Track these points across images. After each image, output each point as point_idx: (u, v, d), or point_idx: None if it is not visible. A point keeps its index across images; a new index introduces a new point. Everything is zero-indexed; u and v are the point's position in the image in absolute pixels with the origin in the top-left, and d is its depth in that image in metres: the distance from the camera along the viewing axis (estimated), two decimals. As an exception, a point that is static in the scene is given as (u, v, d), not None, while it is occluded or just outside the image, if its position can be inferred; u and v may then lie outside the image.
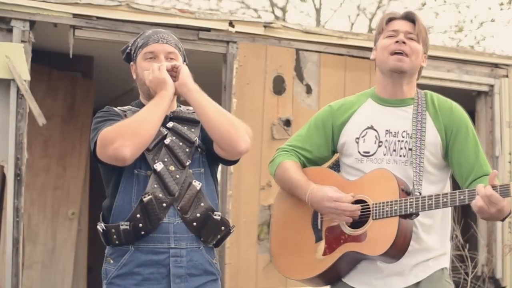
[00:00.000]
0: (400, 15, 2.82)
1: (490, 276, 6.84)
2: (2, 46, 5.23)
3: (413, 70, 2.78)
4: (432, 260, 2.75)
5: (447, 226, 2.83)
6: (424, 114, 2.74)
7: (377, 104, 2.83)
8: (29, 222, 6.58)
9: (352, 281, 2.76)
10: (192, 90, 2.64)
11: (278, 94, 6.15)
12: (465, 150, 2.72)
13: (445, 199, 2.53)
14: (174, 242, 2.60)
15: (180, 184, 2.62)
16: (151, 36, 2.76)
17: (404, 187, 2.65)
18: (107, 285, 2.63)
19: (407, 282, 2.71)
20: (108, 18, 5.59)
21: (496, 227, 6.86)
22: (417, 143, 2.70)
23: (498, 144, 6.91)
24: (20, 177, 5.24)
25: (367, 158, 2.76)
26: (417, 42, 2.76)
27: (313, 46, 6.29)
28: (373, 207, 2.66)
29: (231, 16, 6.26)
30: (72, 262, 6.85)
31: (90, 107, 7.17)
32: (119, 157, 2.50)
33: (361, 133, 2.80)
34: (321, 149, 2.90)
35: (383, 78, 2.81)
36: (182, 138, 2.68)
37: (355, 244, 2.67)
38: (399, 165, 2.72)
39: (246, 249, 5.92)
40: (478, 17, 17.92)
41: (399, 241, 2.59)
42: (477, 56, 7.07)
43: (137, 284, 2.59)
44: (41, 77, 6.63)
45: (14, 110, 5.22)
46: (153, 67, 2.66)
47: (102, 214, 2.70)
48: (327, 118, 2.89)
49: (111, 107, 2.75)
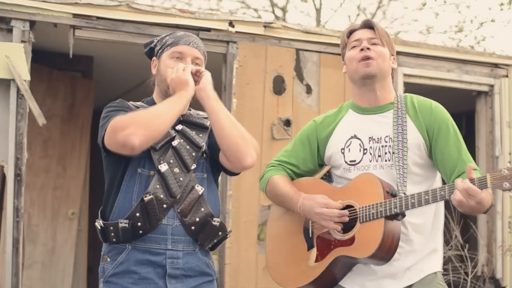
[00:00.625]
0: (359, 25, 2.90)
1: (490, 276, 6.84)
2: (2, 46, 5.23)
3: (383, 73, 2.83)
4: (425, 262, 2.77)
5: (439, 224, 2.86)
6: (404, 117, 2.79)
7: (357, 114, 2.89)
8: (29, 222, 6.58)
9: (346, 283, 2.80)
10: (210, 97, 2.66)
11: (278, 94, 6.15)
12: (447, 148, 2.76)
13: (427, 196, 2.58)
14: (171, 244, 2.62)
15: (182, 187, 2.63)
16: (183, 37, 2.78)
17: (389, 189, 2.69)
18: (104, 283, 2.63)
19: (400, 284, 2.74)
20: (108, 18, 5.59)
21: (496, 227, 6.86)
22: (399, 145, 2.75)
23: (498, 144, 6.91)
24: (20, 177, 5.24)
25: (354, 166, 2.82)
26: (382, 45, 2.83)
27: (313, 46, 6.29)
28: (360, 211, 2.70)
29: (231, 16, 6.26)
30: (72, 262, 6.85)
31: (90, 107, 7.17)
32: (128, 144, 2.49)
33: (345, 143, 2.87)
34: (307, 163, 2.98)
35: (358, 88, 2.88)
36: (189, 142, 2.70)
37: (345, 248, 2.72)
38: (385, 169, 2.77)
39: (246, 249, 5.92)
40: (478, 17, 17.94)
41: (386, 242, 2.62)
42: (477, 56, 7.07)
43: (134, 283, 2.59)
44: (41, 77, 6.63)
45: (14, 110, 5.22)
46: (178, 66, 2.68)
47: (101, 211, 2.70)
48: (311, 132, 2.98)
49: (124, 100, 2.76)
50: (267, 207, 6.01)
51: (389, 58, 2.85)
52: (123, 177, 2.64)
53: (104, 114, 2.68)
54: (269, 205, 6.01)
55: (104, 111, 2.70)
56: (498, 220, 6.86)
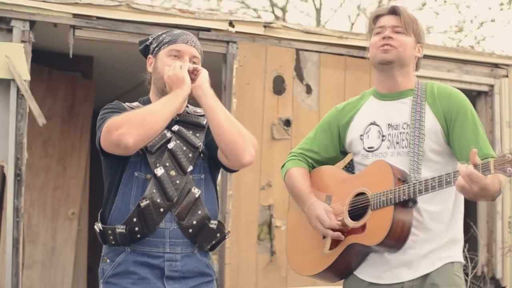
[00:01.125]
0: (385, 10, 2.88)
1: (490, 276, 6.84)
2: (2, 46, 5.23)
3: (401, 60, 2.81)
4: (442, 251, 2.74)
5: (460, 212, 2.81)
6: (422, 104, 2.78)
7: (377, 100, 2.89)
8: (29, 222, 6.58)
9: (362, 274, 2.80)
10: (207, 94, 2.64)
11: (278, 94, 6.15)
12: (464, 134, 2.74)
13: (433, 183, 2.55)
14: (169, 247, 2.61)
15: (179, 190, 2.62)
16: (181, 35, 2.75)
17: (401, 176, 2.67)
18: (103, 284, 2.64)
19: (415, 274, 2.71)
20: (108, 18, 5.59)
21: (496, 227, 6.86)
22: (415, 132, 2.74)
23: (498, 144, 6.91)
24: (20, 177, 5.25)
25: (372, 153, 2.82)
26: (406, 34, 2.81)
27: (313, 46, 6.29)
28: (372, 198, 2.70)
29: (231, 16, 6.27)
30: (72, 262, 6.85)
31: (90, 107, 7.17)
32: (122, 144, 2.48)
33: (364, 129, 2.86)
34: (329, 150, 2.98)
35: (378, 74, 2.88)
36: (186, 143, 2.67)
37: (356, 236, 2.72)
38: (403, 156, 2.75)
39: (246, 249, 5.92)
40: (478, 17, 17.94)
41: (395, 230, 2.61)
42: (477, 56, 7.07)
43: (133, 283, 2.59)
44: (41, 77, 6.63)
45: (14, 110, 5.22)
46: (175, 64, 2.65)
47: (100, 213, 2.70)
48: (332, 119, 2.98)
49: (120, 102, 2.75)
50: (267, 207, 6.01)
51: (412, 47, 2.83)
52: (120, 181, 2.63)
53: (100, 116, 2.67)
54: (269, 205, 6.02)
55: (100, 113, 2.69)
56: (498, 220, 6.86)
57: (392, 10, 2.85)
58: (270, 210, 5.99)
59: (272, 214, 5.99)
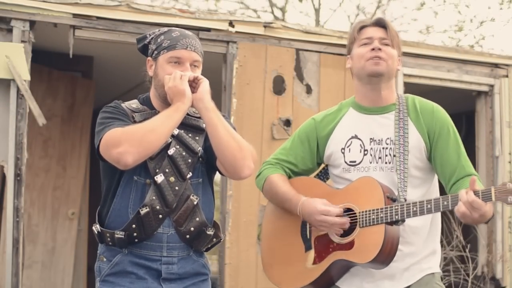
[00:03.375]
0: (371, 22, 2.86)
1: (490, 276, 6.84)
2: (2, 46, 5.23)
3: (390, 74, 2.81)
4: (423, 263, 2.77)
5: (437, 226, 2.85)
6: (406, 120, 2.78)
7: (358, 113, 2.86)
8: (29, 222, 6.58)
9: (344, 284, 2.80)
10: (208, 108, 2.61)
11: (278, 94, 6.15)
12: (447, 151, 2.74)
13: (429, 206, 2.56)
14: (167, 251, 2.63)
15: (178, 196, 2.62)
16: (180, 40, 2.67)
17: (390, 194, 2.68)
18: (100, 282, 2.65)
19: (398, 285, 2.74)
20: (108, 18, 5.59)
21: (496, 228, 6.86)
22: (400, 149, 2.74)
23: (498, 144, 6.91)
24: (20, 177, 5.24)
25: (353, 167, 2.80)
26: (392, 47, 2.81)
27: (313, 46, 6.29)
28: (360, 215, 2.69)
29: (231, 16, 6.26)
30: (72, 262, 6.85)
31: (90, 107, 7.17)
32: (121, 163, 2.49)
33: (346, 143, 2.84)
34: (306, 162, 2.95)
35: (362, 86, 2.85)
36: (186, 148, 2.66)
37: (344, 252, 2.71)
38: (385, 172, 2.75)
39: (246, 249, 5.92)
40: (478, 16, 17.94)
41: (386, 248, 2.62)
42: (477, 56, 7.07)
43: (131, 282, 2.61)
44: (41, 77, 6.63)
45: (14, 110, 5.22)
46: (175, 75, 2.60)
47: (98, 213, 2.70)
48: (311, 131, 2.95)
49: (119, 103, 2.71)
50: (267, 207, 6.01)
51: (396, 60, 2.84)
52: (119, 183, 2.62)
53: (99, 119, 2.64)
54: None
55: (99, 116, 2.66)
56: (498, 220, 6.86)
57: (379, 22, 2.84)
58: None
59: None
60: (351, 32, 2.88)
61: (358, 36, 2.84)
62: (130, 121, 2.63)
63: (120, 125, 2.56)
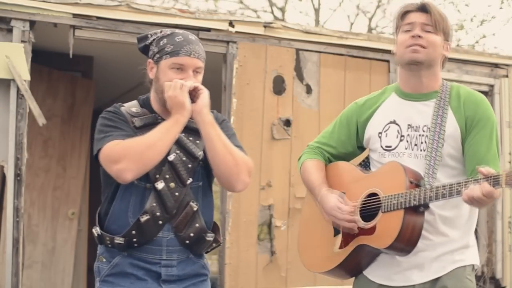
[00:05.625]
0: (414, 7, 2.80)
1: (490, 276, 6.85)
2: (2, 46, 5.23)
3: (431, 61, 2.77)
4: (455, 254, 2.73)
5: (473, 219, 2.81)
6: (445, 108, 2.75)
7: (400, 98, 2.84)
8: (29, 222, 6.58)
9: (371, 275, 2.78)
10: (206, 121, 2.59)
11: (278, 94, 6.15)
12: (478, 142, 2.73)
13: (444, 191, 2.54)
14: (166, 255, 2.63)
15: (178, 202, 2.62)
16: (183, 46, 2.62)
17: (414, 180, 2.65)
18: (100, 282, 2.65)
19: (427, 276, 2.70)
20: (108, 18, 5.59)
21: (496, 227, 6.86)
22: (435, 136, 2.71)
23: (498, 145, 6.90)
24: (20, 177, 5.24)
25: (389, 152, 2.79)
26: (435, 33, 2.76)
27: (313, 46, 6.29)
28: (383, 200, 2.68)
29: (231, 16, 6.26)
30: (72, 262, 6.85)
31: (90, 107, 7.17)
32: (121, 179, 2.51)
33: (383, 127, 2.83)
34: (346, 145, 2.95)
35: (404, 72, 2.83)
36: (186, 153, 2.65)
37: (366, 237, 2.70)
38: (419, 159, 2.72)
39: (246, 249, 5.92)
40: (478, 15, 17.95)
41: (405, 234, 2.59)
42: (477, 56, 7.07)
43: (132, 283, 2.61)
44: (41, 77, 6.63)
45: (14, 110, 5.22)
46: (175, 83, 2.57)
47: (98, 214, 2.70)
48: (351, 114, 2.94)
49: (118, 109, 2.67)
50: (267, 207, 6.01)
51: (440, 46, 2.79)
52: (119, 187, 2.62)
53: (99, 126, 2.63)
54: (269, 205, 6.02)
55: (99, 121, 2.64)
56: (498, 220, 6.86)
57: (422, 7, 2.78)
58: (270, 210, 5.99)
59: (272, 214, 5.99)
60: (395, 18, 2.84)
61: (402, 21, 2.80)
62: (129, 128, 2.61)
63: (119, 136, 2.55)
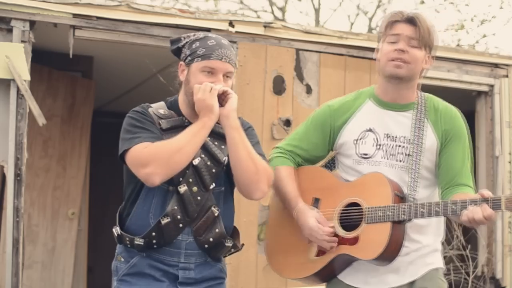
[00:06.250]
0: (403, 18, 2.77)
1: (490, 276, 6.84)
2: (2, 46, 5.23)
3: (411, 76, 2.78)
4: (427, 257, 2.79)
5: (441, 225, 2.87)
6: (423, 120, 2.77)
7: (377, 106, 2.85)
8: (29, 222, 6.57)
9: (347, 279, 2.80)
10: (233, 126, 2.60)
11: (278, 94, 6.15)
12: (453, 156, 2.76)
13: (437, 208, 2.58)
14: (184, 258, 2.64)
15: (200, 206, 2.62)
16: (215, 50, 2.63)
17: (398, 192, 2.68)
18: (118, 281, 2.66)
19: (403, 279, 2.75)
20: (108, 18, 5.58)
21: (496, 228, 6.86)
22: (415, 149, 2.74)
23: (498, 144, 6.91)
24: (20, 177, 5.24)
25: (365, 160, 2.80)
26: (419, 48, 2.74)
27: (313, 46, 6.28)
28: (366, 211, 2.68)
29: (231, 16, 6.26)
30: (72, 262, 6.84)
31: (90, 107, 7.17)
32: (149, 182, 2.52)
33: (360, 135, 2.83)
34: (318, 149, 2.93)
35: (383, 82, 2.83)
36: (211, 157, 2.65)
37: (348, 247, 2.71)
38: (396, 169, 2.75)
39: (246, 249, 5.84)
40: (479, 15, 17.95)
41: (391, 246, 2.63)
42: (477, 56, 7.07)
43: (148, 284, 2.62)
44: (41, 77, 6.63)
45: (14, 110, 5.22)
46: (205, 86, 2.58)
47: (119, 214, 2.71)
48: (325, 118, 2.92)
49: (146, 109, 2.67)
50: (267, 207, 6.00)
51: (422, 61, 2.77)
52: (142, 188, 2.62)
53: (126, 125, 2.63)
54: (269, 205, 6.01)
55: (126, 120, 2.64)
56: (498, 220, 6.85)
57: (410, 19, 2.75)
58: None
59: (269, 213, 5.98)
60: (382, 24, 2.82)
61: (388, 30, 2.78)
62: (157, 129, 2.62)
63: (148, 138, 2.56)
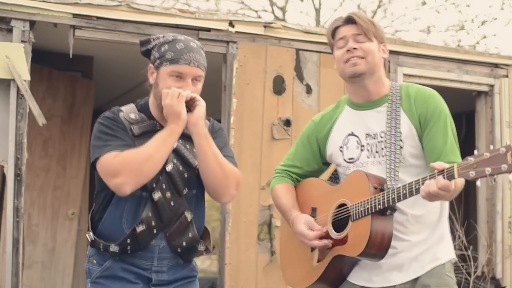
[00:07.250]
0: (342, 21, 2.83)
1: (491, 276, 6.84)
2: (2, 46, 5.23)
3: (372, 69, 2.79)
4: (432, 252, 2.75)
5: (445, 212, 2.83)
6: (398, 110, 2.77)
7: (353, 110, 2.88)
8: (29, 222, 6.58)
9: (352, 278, 2.82)
10: (200, 134, 2.61)
11: (278, 94, 6.15)
12: (434, 136, 2.73)
13: (404, 191, 2.56)
14: (157, 261, 2.66)
15: (173, 212, 2.64)
16: (183, 53, 2.62)
17: (378, 184, 2.68)
18: (91, 283, 2.69)
19: (406, 277, 2.73)
20: (108, 18, 5.59)
21: (496, 227, 6.86)
22: (391, 139, 2.74)
23: (498, 144, 6.90)
24: (20, 177, 5.24)
25: (352, 164, 2.83)
26: (369, 40, 2.77)
27: (313, 46, 6.29)
28: (352, 209, 2.71)
29: (231, 16, 6.26)
30: (72, 262, 6.85)
31: (90, 107, 7.17)
32: (120, 192, 2.54)
33: (343, 141, 2.87)
34: (311, 163, 3.01)
35: (350, 85, 2.87)
36: (183, 162, 2.67)
37: (341, 247, 2.74)
38: (383, 165, 2.76)
39: (246, 249, 5.92)
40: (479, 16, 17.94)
41: (375, 239, 2.62)
42: (477, 56, 7.07)
43: (122, 286, 2.64)
44: (41, 77, 6.63)
45: (14, 110, 5.22)
46: (173, 92, 2.58)
47: (91, 217, 2.72)
48: (311, 133, 2.99)
49: (117, 115, 2.66)
50: (267, 207, 6.01)
51: (377, 51, 2.79)
52: (114, 194, 2.61)
53: (97, 132, 2.62)
54: (269, 205, 6.02)
55: (97, 126, 2.64)
56: (498, 220, 6.86)
57: (349, 19, 2.80)
58: (270, 210, 5.99)
59: (272, 214, 5.99)
60: (328, 37, 2.87)
61: (334, 39, 2.83)
62: (128, 136, 2.62)
63: (118, 147, 2.56)
